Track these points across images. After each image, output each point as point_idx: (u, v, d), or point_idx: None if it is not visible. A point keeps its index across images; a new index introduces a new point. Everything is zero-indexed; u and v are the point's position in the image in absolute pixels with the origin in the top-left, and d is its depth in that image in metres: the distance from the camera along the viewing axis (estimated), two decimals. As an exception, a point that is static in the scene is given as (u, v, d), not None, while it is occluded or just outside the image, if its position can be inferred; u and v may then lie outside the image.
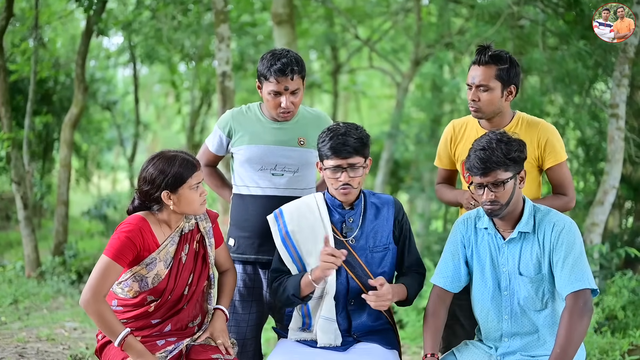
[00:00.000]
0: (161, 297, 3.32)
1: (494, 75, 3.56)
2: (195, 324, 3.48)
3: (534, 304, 3.15)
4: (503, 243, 3.22)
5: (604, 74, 8.47)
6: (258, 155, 3.79)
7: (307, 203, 3.48)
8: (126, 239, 3.17)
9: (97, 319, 3.12)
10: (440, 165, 4.05)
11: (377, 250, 3.41)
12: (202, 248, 3.47)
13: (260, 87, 3.79)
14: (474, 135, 3.73)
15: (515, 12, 9.51)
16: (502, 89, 3.60)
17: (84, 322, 6.91)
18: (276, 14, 9.80)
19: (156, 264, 3.27)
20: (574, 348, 2.96)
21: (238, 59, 16.31)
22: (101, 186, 27.36)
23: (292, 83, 3.68)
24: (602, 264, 7.24)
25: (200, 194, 3.27)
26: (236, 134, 3.87)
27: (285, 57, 3.68)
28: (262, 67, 3.72)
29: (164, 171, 3.20)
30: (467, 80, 3.64)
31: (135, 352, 3.11)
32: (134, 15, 12.98)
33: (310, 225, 3.40)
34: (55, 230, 10.63)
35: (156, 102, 28.28)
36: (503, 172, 3.07)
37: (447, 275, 3.36)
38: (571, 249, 3.07)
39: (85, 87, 10.79)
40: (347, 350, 3.36)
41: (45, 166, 16.61)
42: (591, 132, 9.68)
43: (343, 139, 3.24)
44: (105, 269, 3.14)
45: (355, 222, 3.41)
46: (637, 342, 5.68)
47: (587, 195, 9.73)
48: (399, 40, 16.86)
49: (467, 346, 3.39)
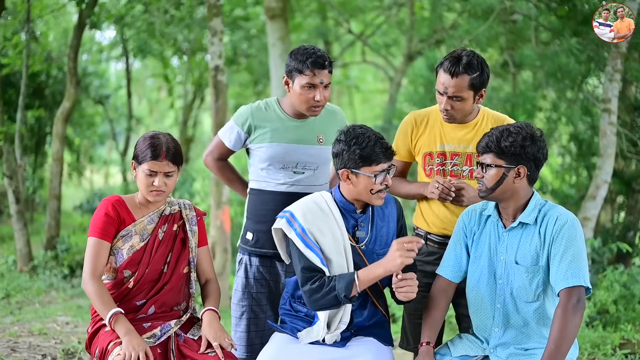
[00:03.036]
0: (138, 270, 3.38)
1: (467, 85, 3.51)
2: (180, 308, 3.52)
3: (526, 294, 3.16)
4: (504, 231, 3.23)
5: (596, 68, 8.50)
6: (280, 154, 3.77)
7: (317, 203, 3.39)
8: (105, 215, 3.32)
9: (94, 297, 3.23)
10: (396, 158, 3.91)
11: (383, 252, 3.40)
12: (182, 232, 3.53)
13: (289, 82, 3.75)
14: (437, 126, 3.74)
15: (508, 7, 9.53)
16: (474, 95, 3.57)
17: (76, 317, 6.91)
18: (269, 8, 9.80)
19: (132, 237, 3.37)
20: (567, 344, 2.96)
21: (231, 53, 16.30)
22: (93, 180, 27.34)
23: (327, 76, 3.68)
24: (594, 258, 7.27)
25: (152, 182, 3.32)
26: (256, 131, 3.82)
27: (319, 51, 3.69)
28: (295, 61, 3.67)
29: (138, 144, 3.37)
30: (438, 87, 3.57)
31: (123, 330, 3.15)
32: (126, 8, 12.96)
33: (330, 229, 3.33)
34: (48, 225, 10.62)
35: (149, 96, 28.24)
36: (493, 157, 3.11)
37: (449, 265, 3.39)
38: (571, 244, 3.06)
39: (78, 81, 10.76)
40: (345, 346, 3.36)
41: (38, 160, 16.58)
42: (583, 127, 9.72)
43: (381, 142, 3.23)
44: (95, 249, 3.29)
45: (365, 227, 3.40)
46: (629, 336, 5.71)
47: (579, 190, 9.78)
48: (392, 34, 16.88)
49: (460, 339, 3.40)
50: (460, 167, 3.70)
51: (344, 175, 3.28)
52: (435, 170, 3.74)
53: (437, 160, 3.74)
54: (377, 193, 3.25)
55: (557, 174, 12.60)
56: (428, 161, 3.76)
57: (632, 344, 5.60)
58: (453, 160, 3.71)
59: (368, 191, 3.25)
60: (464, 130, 3.69)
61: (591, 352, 5.53)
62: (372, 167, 3.21)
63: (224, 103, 8.63)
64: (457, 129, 3.70)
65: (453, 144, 3.69)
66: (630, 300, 6.64)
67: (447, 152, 3.72)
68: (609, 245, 7.32)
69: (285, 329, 3.49)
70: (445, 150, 3.72)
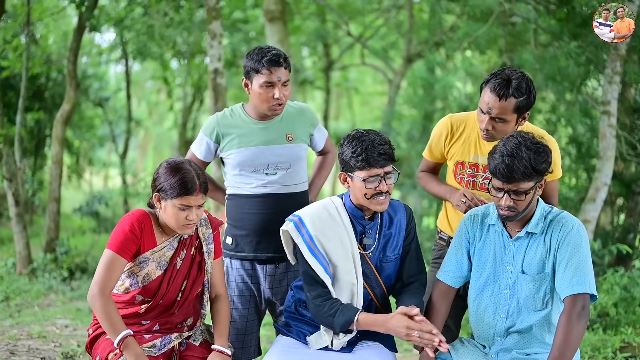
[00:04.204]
0: (152, 300, 3.29)
1: (512, 108, 3.41)
2: (186, 325, 3.44)
3: (534, 303, 3.14)
4: (510, 241, 3.21)
5: (595, 71, 8.49)
6: (250, 158, 3.78)
7: (327, 209, 3.38)
8: (129, 231, 3.16)
9: (102, 315, 3.09)
10: (429, 158, 3.98)
11: (389, 260, 3.39)
12: (199, 255, 3.43)
13: (248, 84, 3.78)
14: (474, 136, 3.69)
15: (507, 9, 9.53)
16: (517, 118, 3.48)
17: (75, 320, 6.90)
18: (268, 10, 9.80)
19: (148, 264, 3.25)
20: (571, 351, 2.94)
21: (230, 56, 16.30)
22: (93, 183, 27.33)
23: (284, 73, 3.69)
24: (594, 261, 7.26)
25: (186, 216, 3.18)
26: (224, 139, 3.84)
27: (274, 49, 3.72)
28: (251, 61, 3.71)
29: (166, 176, 3.18)
30: (481, 106, 3.47)
31: (132, 354, 3.06)
32: (126, 11, 12.96)
33: (338, 235, 3.31)
34: (47, 227, 10.60)
35: (148, 99, 28.26)
36: (527, 182, 3.03)
37: (449, 270, 3.38)
38: (576, 251, 3.05)
39: (77, 83, 10.76)
40: (352, 351, 3.35)
41: (37, 163, 16.57)
42: (583, 129, 9.71)
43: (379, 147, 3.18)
44: (110, 263, 3.12)
45: (372, 234, 3.38)
46: (629, 339, 5.71)
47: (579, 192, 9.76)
48: (391, 37, 16.87)
49: (462, 344, 3.39)
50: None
51: (342, 178, 3.29)
52: (466, 180, 3.72)
53: (469, 171, 3.72)
54: (372, 198, 3.23)
55: (557, 177, 12.57)
56: (459, 170, 3.75)
57: (633, 347, 5.60)
58: (485, 174, 3.67)
59: (363, 195, 3.24)
60: None
61: (592, 355, 5.53)
62: (365, 171, 3.18)
63: (223, 105, 8.63)
64: (493, 142, 3.60)
65: (486, 156, 3.60)
66: (631, 303, 6.63)
67: (480, 164, 3.69)
68: (609, 248, 7.31)
69: (290, 332, 3.48)
70: (479, 162, 3.70)
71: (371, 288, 3.37)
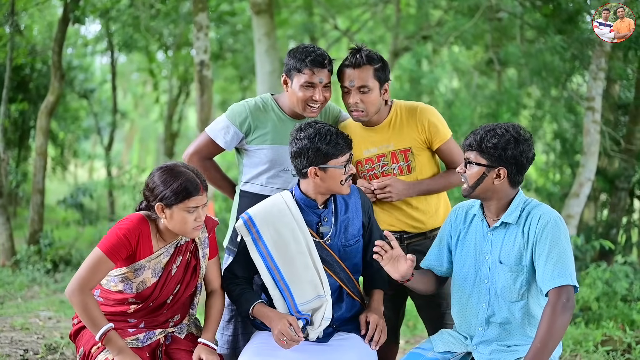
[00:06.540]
0: (143, 303, 3.27)
1: (371, 75, 3.59)
2: (172, 321, 3.41)
3: (510, 294, 3.16)
4: (488, 230, 3.24)
5: (580, 67, 8.54)
6: (283, 157, 3.68)
7: (277, 205, 3.39)
8: (123, 236, 3.10)
9: (81, 311, 3.05)
10: None
11: (350, 244, 3.42)
12: (194, 259, 3.38)
13: (287, 81, 3.68)
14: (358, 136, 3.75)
15: (494, 4, 9.56)
16: (379, 88, 3.63)
17: (58, 312, 6.87)
18: (255, 3, 9.77)
19: (144, 271, 3.21)
20: (554, 343, 2.95)
21: (216, 48, 16.25)
22: (78, 175, 27.20)
23: (327, 75, 3.63)
24: (577, 255, 7.30)
25: (195, 218, 3.14)
26: (255, 132, 3.73)
27: (319, 49, 3.63)
28: (293, 60, 3.61)
29: (165, 183, 3.10)
30: (345, 84, 3.63)
31: (115, 348, 3.04)
32: (111, 2, 12.87)
33: (290, 230, 3.32)
34: (31, 219, 10.55)
35: (134, 91, 28.12)
36: (476, 155, 3.12)
37: (430, 259, 3.46)
38: (555, 244, 3.05)
39: (62, 74, 10.70)
40: (327, 342, 3.36)
41: (21, 154, 16.47)
42: (567, 124, 9.77)
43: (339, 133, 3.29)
44: (97, 263, 3.07)
45: (329, 221, 3.40)
46: (611, 333, 5.75)
47: (563, 188, 9.83)
48: (378, 31, 16.87)
49: (442, 335, 3.41)
50: (389, 166, 3.75)
51: (312, 173, 3.28)
52: (368, 175, 3.80)
53: (367, 166, 3.79)
54: (346, 182, 3.31)
55: (541, 172, 12.66)
56: (360, 169, 3.81)
57: (614, 340, 5.64)
58: (380, 162, 3.76)
59: (338, 183, 3.29)
60: (380, 133, 3.75)
61: (573, 349, 5.57)
62: (339, 158, 3.26)
63: (209, 98, 8.62)
64: (372, 133, 3.76)
65: (375, 147, 3.74)
66: (613, 298, 6.68)
67: (372, 156, 3.77)
68: (591, 243, 7.36)
69: (266, 326, 3.49)
70: (371, 154, 3.77)
71: (335, 274, 3.38)
